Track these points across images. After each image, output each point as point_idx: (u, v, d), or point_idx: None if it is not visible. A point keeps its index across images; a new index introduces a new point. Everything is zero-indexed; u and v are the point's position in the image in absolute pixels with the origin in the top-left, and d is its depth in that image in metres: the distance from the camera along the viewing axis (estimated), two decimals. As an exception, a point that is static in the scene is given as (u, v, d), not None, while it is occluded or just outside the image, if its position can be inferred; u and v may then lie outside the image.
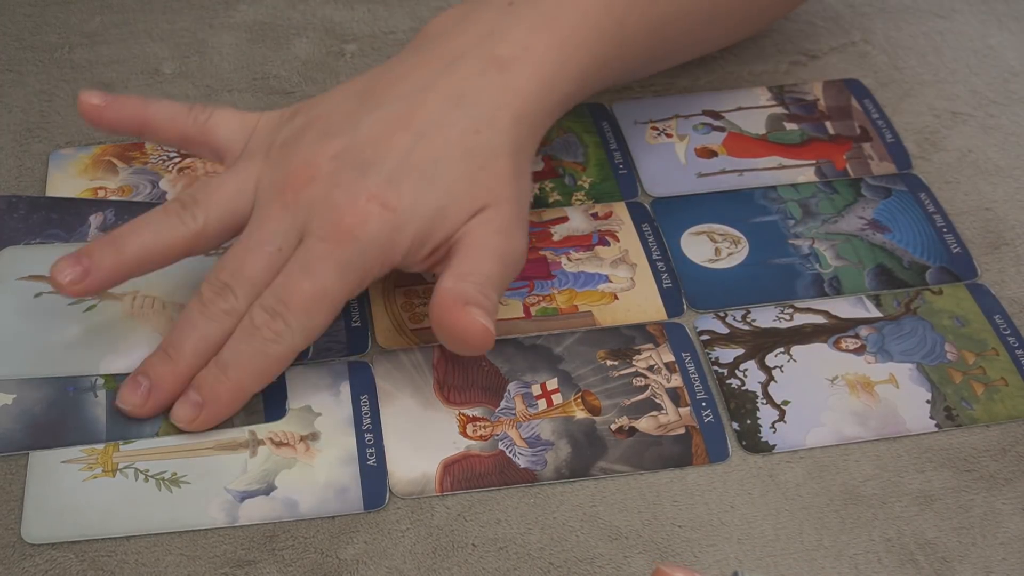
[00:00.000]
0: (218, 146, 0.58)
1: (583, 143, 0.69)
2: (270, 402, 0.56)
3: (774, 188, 0.66)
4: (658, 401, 0.57)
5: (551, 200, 0.66)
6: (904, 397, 0.57)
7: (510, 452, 0.55)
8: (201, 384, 0.54)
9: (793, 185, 0.67)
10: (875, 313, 0.61)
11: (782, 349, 0.59)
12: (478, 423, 0.56)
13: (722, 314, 0.61)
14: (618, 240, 0.64)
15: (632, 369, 0.58)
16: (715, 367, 0.58)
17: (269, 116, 0.59)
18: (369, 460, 0.54)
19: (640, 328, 0.60)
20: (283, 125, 0.58)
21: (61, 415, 0.55)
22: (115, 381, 0.56)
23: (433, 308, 0.54)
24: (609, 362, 0.58)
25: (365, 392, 0.57)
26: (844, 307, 0.61)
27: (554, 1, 0.60)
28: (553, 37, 0.59)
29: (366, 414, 0.56)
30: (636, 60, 0.65)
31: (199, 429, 0.54)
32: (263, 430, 0.55)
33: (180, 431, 0.55)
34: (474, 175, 0.55)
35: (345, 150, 0.55)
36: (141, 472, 0.54)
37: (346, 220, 0.53)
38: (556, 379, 0.58)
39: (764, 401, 0.57)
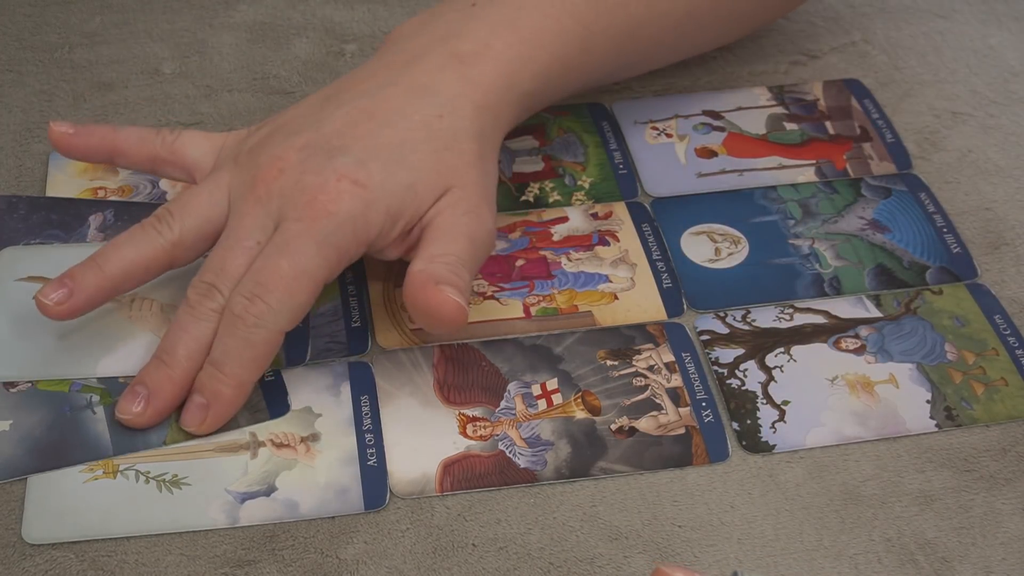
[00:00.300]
0: (188, 164, 0.60)
1: (583, 143, 0.69)
2: (272, 399, 0.56)
3: (774, 188, 0.67)
4: (658, 401, 0.57)
5: (551, 200, 0.66)
6: (904, 397, 0.57)
7: (510, 452, 0.55)
8: (201, 387, 0.54)
9: (793, 185, 0.67)
10: (875, 313, 0.61)
11: (782, 349, 0.59)
12: (478, 423, 0.56)
13: (722, 314, 0.61)
14: (618, 240, 0.64)
15: (632, 369, 0.58)
16: (715, 367, 0.58)
17: (236, 133, 0.60)
18: (369, 460, 0.54)
19: (640, 328, 0.60)
20: (250, 137, 0.59)
21: (62, 435, 0.55)
22: (110, 396, 0.56)
23: (406, 289, 0.55)
24: (609, 362, 0.58)
25: (365, 392, 0.57)
26: (844, 307, 0.61)
27: (516, 3, 0.61)
28: (514, 36, 0.60)
29: (366, 414, 0.56)
30: (605, 63, 0.65)
31: (209, 430, 0.55)
32: (264, 432, 0.55)
33: (188, 438, 0.55)
34: (439, 155, 0.57)
35: (311, 142, 0.56)
36: (142, 474, 0.54)
37: (319, 198, 0.54)
38: (556, 379, 0.58)
39: (764, 401, 0.57)
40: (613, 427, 0.56)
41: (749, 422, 0.56)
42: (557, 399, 0.57)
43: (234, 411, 0.55)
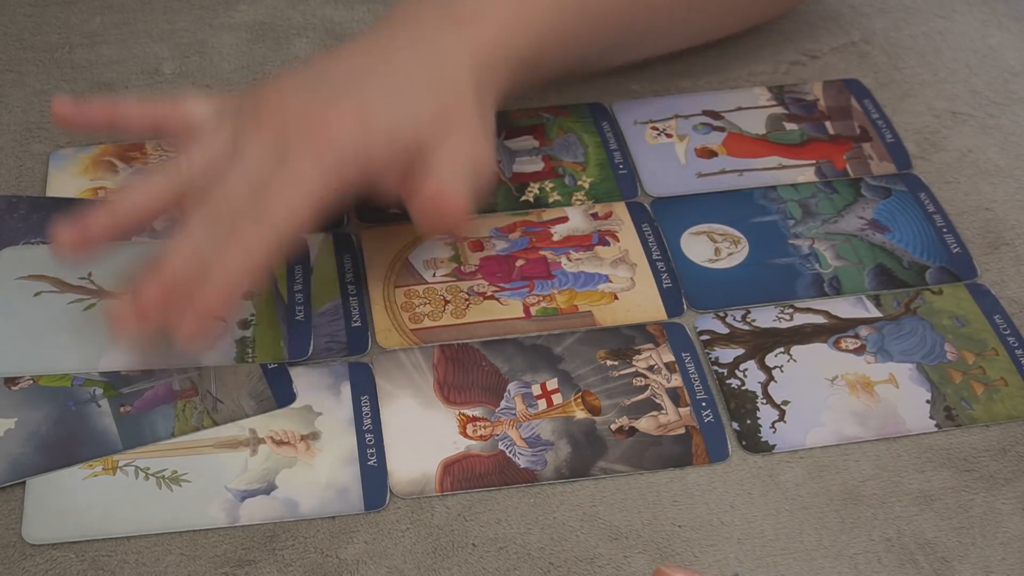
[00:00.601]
0: (191, 122, 0.60)
1: (583, 143, 0.69)
2: (278, 389, 0.56)
3: (774, 188, 0.67)
4: (658, 401, 0.57)
5: (551, 200, 0.66)
6: (904, 397, 0.57)
7: (510, 452, 0.55)
8: (199, 296, 0.54)
9: (793, 185, 0.67)
10: (875, 313, 0.61)
11: (782, 349, 0.59)
12: (478, 423, 0.56)
13: (722, 314, 0.61)
14: (618, 240, 0.64)
15: (632, 369, 0.58)
16: (715, 367, 0.58)
17: (238, 90, 0.62)
18: (369, 460, 0.54)
19: (640, 328, 0.60)
20: (252, 91, 0.60)
21: (69, 431, 0.55)
22: (114, 389, 0.56)
23: (414, 208, 0.57)
24: (609, 362, 0.58)
25: (365, 392, 0.57)
26: (844, 307, 0.61)
27: None
28: (510, 2, 0.61)
29: (366, 414, 0.56)
30: (603, 36, 0.66)
31: (204, 339, 0.55)
32: (264, 428, 0.55)
33: (195, 430, 0.55)
34: (439, 97, 0.58)
35: (316, 88, 0.58)
36: (141, 470, 0.54)
37: (320, 123, 0.56)
38: (556, 379, 0.58)
39: (764, 401, 0.57)
40: (613, 427, 0.56)
41: (749, 422, 0.56)
42: (557, 399, 0.57)
43: (226, 319, 0.57)
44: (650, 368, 0.58)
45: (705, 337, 0.60)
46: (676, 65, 0.73)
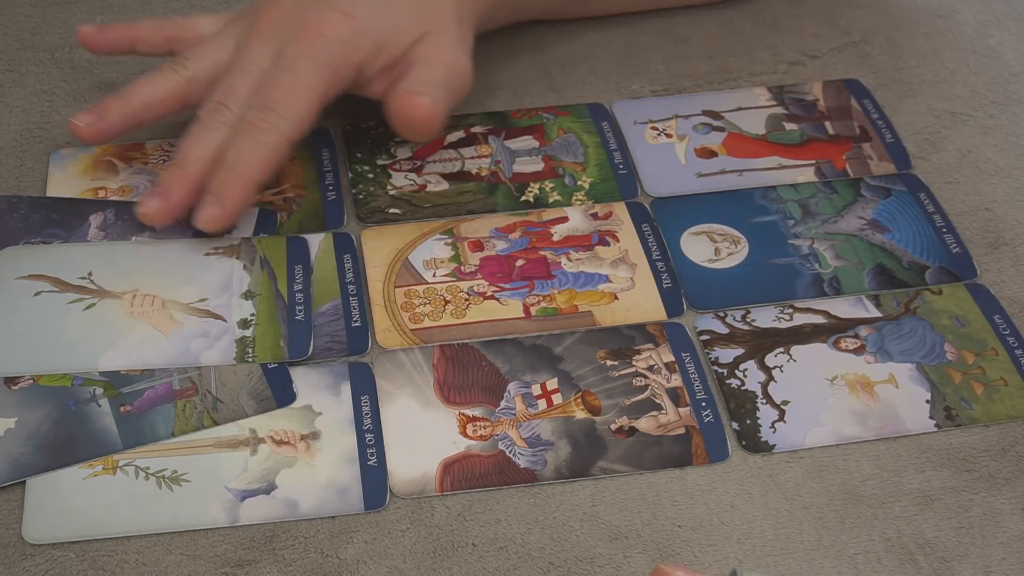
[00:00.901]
0: (202, 35, 0.66)
1: (583, 143, 0.69)
2: (278, 389, 0.56)
3: (774, 188, 0.67)
4: (658, 401, 0.57)
5: (551, 200, 0.66)
6: (904, 397, 0.57)
7: (510, 452, 0.55)
8: (213, 187, 0.60)
9: (793, 185, 0.67)
10: (875, 313, 0.61)
11: (782, 349, 0.59)
12: (478, 423, 0.56)
13: (722, 314, 0.61)
14: (618, 240, 0.64)
15: (632, 369, 0.58)
16: (715, 367, 0.58)
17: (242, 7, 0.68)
18: (369, 460, 0.54)
19: (640, 328, 0.60)
20: (252, 4, 0.66)
21: (69, 431, 0.55)
22: (114, 388, 0.56)
23: (390, 103, 0.63)
24: (609, 362, 0.58)
25: (365, 392, 0.57)
26: (844, 307, 0.61)
27: None
28: None
29: (366, 414, 0.56)
30: None
31: (221, 226, 0.61)
32: (264, 428, 0.55)
33: (195, 429, 0.55)
34: (421, 4, 0.65)
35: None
36: (141, 470, 0.54)
37: (313, 25, 0.62)
38: (556, 379, 0.58)
39: (764, 401, 0.57)
40: (613, 427, 0.56)
41: (749, 422, 0.56)
42: (557, 399, 0.57)
43: (242, 209, 0.61)
44: (650, 368, 0.58)
45: (705, 337, 0.60)
46: (676, 65, 0.73)
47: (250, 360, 0.58)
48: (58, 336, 0.58)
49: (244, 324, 0.59)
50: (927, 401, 0.57)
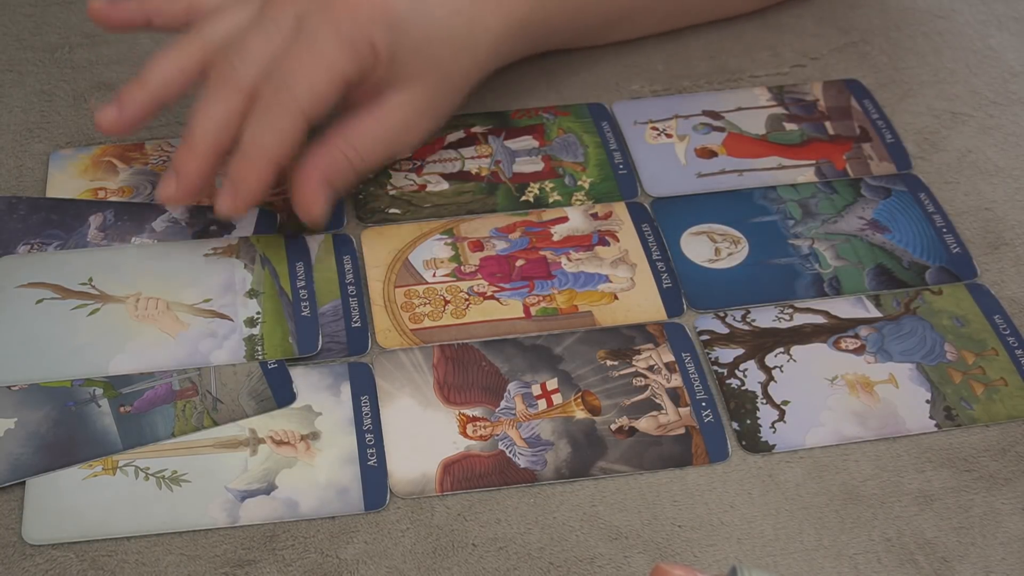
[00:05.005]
0: (220, 4, 0.63)
1: (583, 143, 0.69)
2: (278, 389, 0.56)
3: (774, 188, 0.67)
4: (658, 401, 0.57)
5: (551, 200, 0.66)
6: (904, 397, 0.57)
7: (510, 452, 0.55)
8: (231, 171, 0.58)
9: (793, 185, 0.67)
10: (875, 313, 0.61)
11: (782, 349, 0.59)
12: (478, 423, 0.56)
13: (722, 314, 0.61)
14: (618, 240, 0.64)
15: (632, 369, 0.58)
16: (715, 367, 0.58)
17: None
18: (369, 460, 0.54)
19: (640, 328, 0.60)
20: None
21: (69, 431, 0.55)
22: (114, 389, 0.56)
23: (299, 167, 0.60)
24: (609, 362, 0.58)
25: (365, 392, 0.57)
26: (844, 307, 0.61)
27: None
28: None
29: (366, 414, 0.56)
30: (588, 14, 0.69)
31: (241, 211, 0.59)
32: (264, 428, 0.55)
33: (195, 430, 0.55)
34: (470, 24, 0.62)
35: None
36: (141, 470, 0.54)
37: (341, 2, 0.59)
38: (556, 379, 0.58)
39: (764, 401, 0.57)
40: (613, 427, 0.56)
41: (749, 422, 0.56)
42: (557, 399, 0.57)
43: (260, 194, 0.59)
44: (650, 368, 0.58)
45: (705, 337, 0.60)
46: (676, 65, 0.73)
47: (260, 358, 0.58)
48: (64, 343, 0.58)
49: (251, 322, 0.59)
50: (927, 401, 0.57)
